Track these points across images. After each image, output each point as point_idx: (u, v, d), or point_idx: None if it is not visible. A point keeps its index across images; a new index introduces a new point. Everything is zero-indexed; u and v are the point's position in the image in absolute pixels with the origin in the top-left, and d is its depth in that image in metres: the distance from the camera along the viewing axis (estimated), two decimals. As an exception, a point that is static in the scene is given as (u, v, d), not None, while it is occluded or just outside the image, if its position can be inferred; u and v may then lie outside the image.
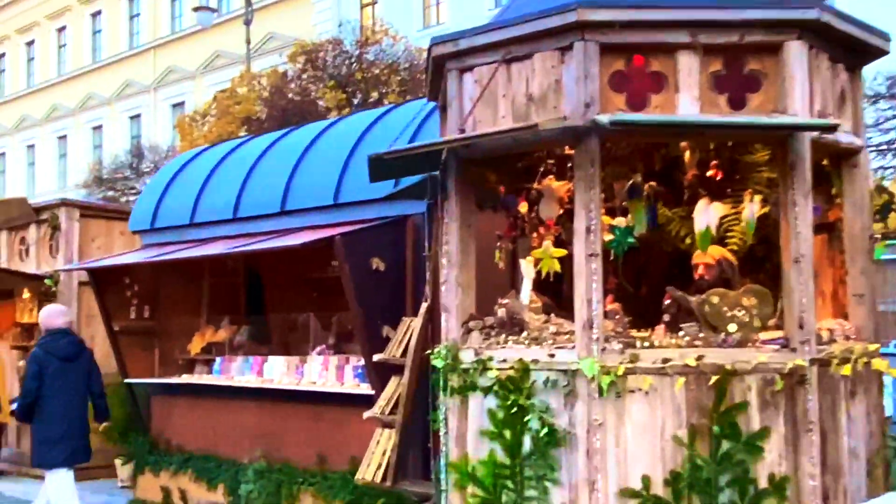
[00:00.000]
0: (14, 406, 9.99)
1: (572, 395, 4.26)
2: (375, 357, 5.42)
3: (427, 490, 5.35)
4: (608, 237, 4.51)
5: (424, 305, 5.65)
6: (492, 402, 4.46)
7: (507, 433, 4.39)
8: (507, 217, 5.40)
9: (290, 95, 17.84)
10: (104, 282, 8.31)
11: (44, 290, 9.79)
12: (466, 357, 4.57)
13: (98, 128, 36.38)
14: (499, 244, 5.22)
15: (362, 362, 6.89)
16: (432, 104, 6.56)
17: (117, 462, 9.17)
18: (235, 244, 7.39)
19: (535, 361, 4.36)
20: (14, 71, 40.23)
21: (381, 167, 5.05)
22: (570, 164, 5.28)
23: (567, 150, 5.18)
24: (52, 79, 37.90)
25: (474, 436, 4.52)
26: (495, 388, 4.43)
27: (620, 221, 4.72)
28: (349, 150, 7.20)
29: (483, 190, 5.12)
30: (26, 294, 10.94)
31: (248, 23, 19.34)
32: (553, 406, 4.31)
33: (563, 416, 4.29)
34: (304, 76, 18.09)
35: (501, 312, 4.90)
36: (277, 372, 7.44)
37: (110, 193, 22.59)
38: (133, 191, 21.96)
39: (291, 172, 7.53)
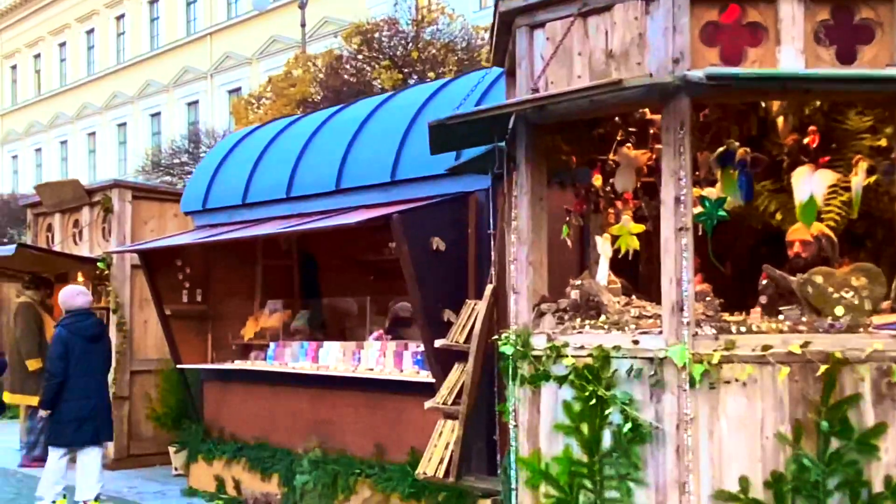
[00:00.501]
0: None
1: (659, 386, 3.81)
2: (437, 343, 5.03)
3: (493, 486, 4.94)
4: (696, 210, 4.02)
5: (490, 287, 5.23)
6: (567, 392, 4.02)
7: (585, 427, 3.96)
8: (578, 191, 4.94)
9: (345, 77, 17.51)
10: (155, 264, 8.05)
11: (97, 273, 9.60)
12: (538, 343, 4.14)
13: (156, 115, 36.65)
14: (568, 220, 4.76)
15: (422, 348, 6.50)
16: (497, 72, 6.13)
17: (171, 449, 8.96)
18: (288, 224, 7.05)
19: (617, 348, 3.91)
20: (75, 59, 40.76)
21: (443, 136, 4.63)
22: (651, 131, 4.81)
23: (648, 115, 4.71)
24: (111, 67, 38.29)
25: (547, 430, 4.09)
26: (571, 377, 3.99)
27: (711, 192, 4.23)
28: (407, 123, 6.80)
29: (554, 161, 4.66)
30: (80, 278, 10.79)
31: (303, 6, 19.05)
32: (637, 398, 3.86)
33: (649, 409, 3.84)
34: (360, 57, 17.75)
35: (575, 294, 4.45)
36: (333, 358, 7.10)
37: (167, 179, 22.58)
38: (190, 176, 21.89)
39: (346, 149, 7.16)
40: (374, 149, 7.00)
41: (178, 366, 8.11)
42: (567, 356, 4.00)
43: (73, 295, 7.47)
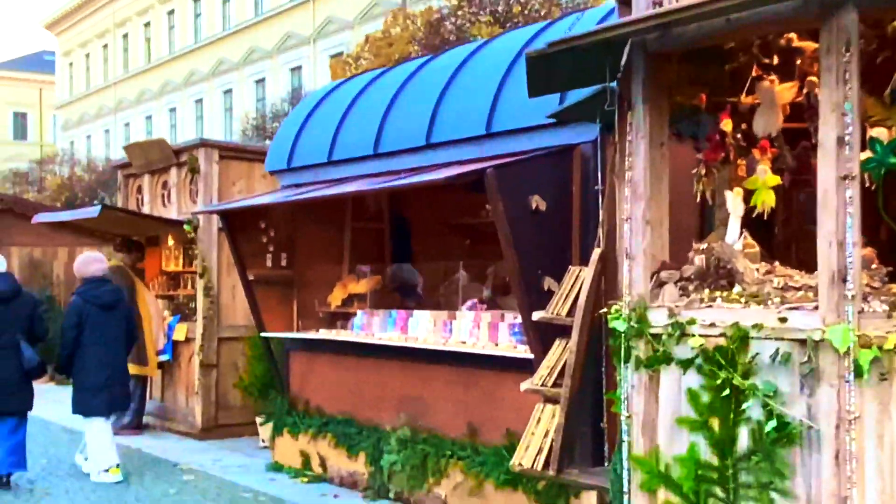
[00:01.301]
0: (161, 358, 9.65)
1: (814, 376, 3.04)
2: (535, 315, 4.35)
3: (599, 482, 4.26)
4: (863, 155, 3.20)
5: (597, 252, 4.51)
6: (693, 379, 3.29)
7: (716, 423, 3.23)
8: (711, 136, 4.13)
9: (444, 34, 16.85)
10: (238, 227, 7.60)
11: (188, 236, 9.28)
12: (657, 318, 3.42)
13: (261, 81, 36.77)
14: (698, 171, 3.97)
15: (520, 319, 5.84)
16: (609, 7, 5.35)
17: (258, 420, 8.58)
18: (375, 182, 6.46)
19: (758, 327, 3.16)
20: (182, 27, 41.33)
21: (544, 73, 3.92)
22: (797, 62, 3.97)
23: (794, 42, 3.87)
24: (217, 34, 38.62)
25: (668, 424, 3.38)
26: (699, 361, 3.26)
27: (881, 133, 3.38)
28: (504, 70, 6.08)
29: (677, 101, 3.89)
30: (170, 241, 10.54)
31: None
32: (784, 389, 3.11)
33: (799, 404, 3.08)
34: (460, 13, 17.05)
35: (700, 260, 3.70)
36: (423, 329, 6.50)
37: (268, 143, 22.47)
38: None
39: (437, 101, 6.49)
40: (467, 100, 6.32)
41: (262, 334, 7.66)
42: (693, 335, 3.27)
43: (88, 262, 7.37)
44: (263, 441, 8.49)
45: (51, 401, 11.89)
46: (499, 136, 5.93)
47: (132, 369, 9.26)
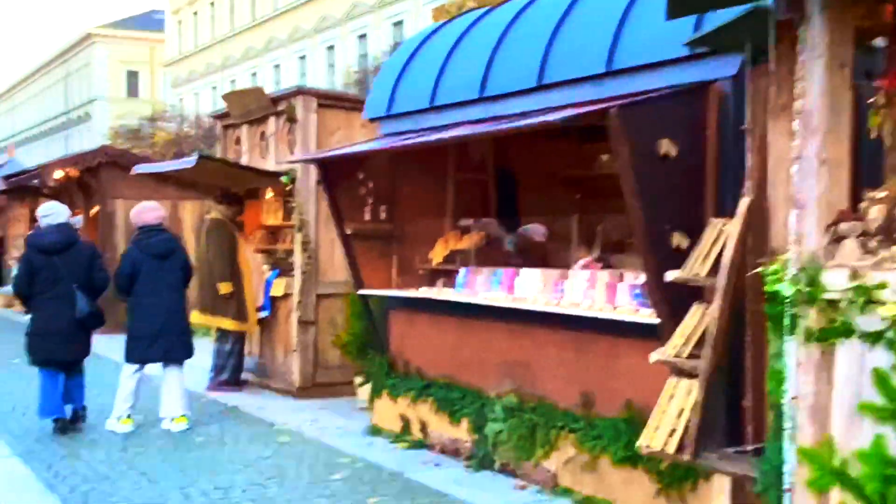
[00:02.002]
0: (260, 314, 9.40)
1: None
2: (669, 275, 3.74)
3: (744, 470, 3.66)
4: None
5: (745, 202, 3.85)
6: (881, 357, 2.66)
7: (909, 412, 2.60)
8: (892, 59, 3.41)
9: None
10: (336, 177, 7.17)
11: (286, 188, 8.95)
12: (835, 280, 2.79)
13: (363, 36, 36.49)
14: (876, 101, 3.26)
15: (641, 280, 5.23)
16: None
17: (356, 381, 8.23)
18: (481, 127, 5.91)
19: (971, 294, 2.50)
20: (286, -17, 41.37)
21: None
22: None
23: None
24: (320, -12, 38.53)
25: (846, 410, 2.76)
26: (890, 335, 2.62)
27: None
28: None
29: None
30: (269, 194, 10.24)
31: None
32: None
33: None
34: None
35: (878, 211, 3.02)
36: (532, 289, 5.95)
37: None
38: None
39: (551, 36, 5.86)
40: (584, 34, 5.68)
41: (360, 291, 7.25)
42: (884, 303, 2.62)
43: (142, 210, 7.37)
44: (362, 402, 8.14)
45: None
46: (621, 73, 5.27)
47: (231, 325, 9.08)
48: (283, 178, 8.65)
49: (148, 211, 7.37)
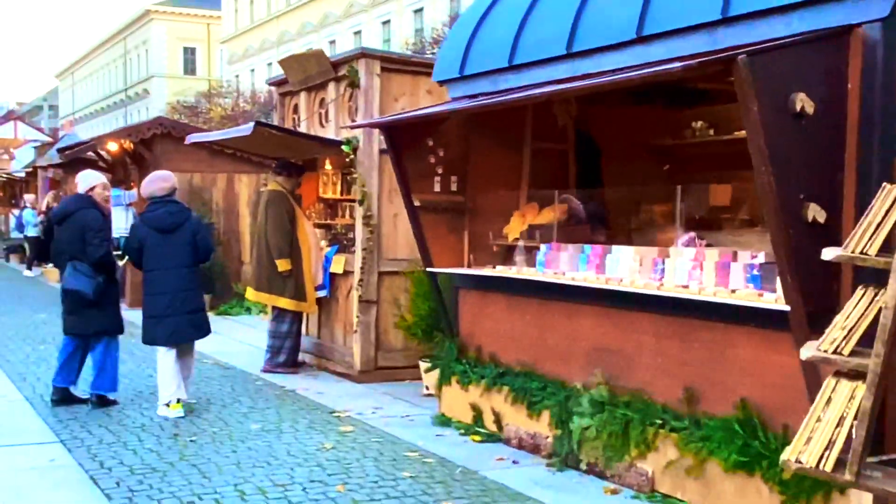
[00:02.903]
0: (319, 293, 8.86)
1: None
2: (828, 253, 3.02)
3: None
4: None
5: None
6: None
7: None
8: None
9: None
10: (403, 145, 6.56)
11: (346, 158, 8.38)
12: None
13: (419, 10, 35.86)
14: None
15: (759, 259, 4.54)
16: None
17: (422, 366, 7.66)
18: (579, 83, 5.21)
19: None
20: (342, -42, 40.84)
21: None
22: None
23: None
24: (376, -38, 37.94)
25: None
26: None
27: None
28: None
29: None
30: (328, 165, 9.70)
31: None
32: None
33: None
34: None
35: None
36: (625, 268, 5.29)
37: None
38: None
39: (652, -19, 5.15)
40: (692, -23, 4.96)
41: (429, 269, 6.65)
42: None
43: (152, 180, 6.95)
44: (427, 388, 7.58)
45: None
46: (739, 20, 4.55)
47: (289, 305, 8.57)
48: (345, 147, 8.07)
49: (156, 181, 6.91)
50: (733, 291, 4.48)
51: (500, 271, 6.09)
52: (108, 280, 6.92)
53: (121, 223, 14.15)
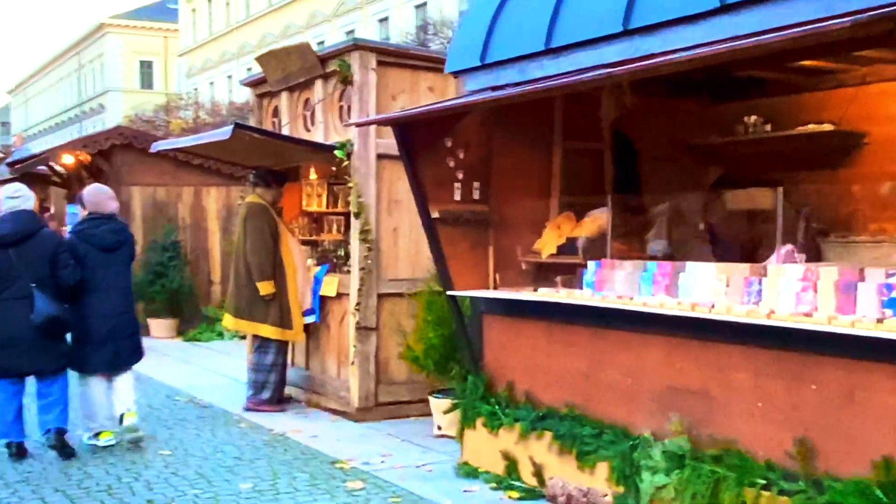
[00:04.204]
0: (307, 319, 7.80)
1: None
2: None
3: None
4: None
5: None
6: None
7: None
8: None
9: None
10: (419, 145, 5.55)
11: (332, 168, 7.37)
12: None
13: (384, 20, 34.80)
14: None
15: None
16: None
17: (432, 401, 6.64)
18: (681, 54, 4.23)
19: None
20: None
21: None
22: None
23: None
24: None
25: None
26: None
27: None
28: None
29: None
30: (313, 175, 8.67)
31: None
32: None
33: None
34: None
35: None
36: (705, 289, 4.32)
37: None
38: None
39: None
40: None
41: (450, 292, 5.63)
42: None
43: (105, 197, 6.46)
44: (440, 428, 6.56)
45: (179, 361, 10.38)
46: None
47: (272, 333, 7.51)
48: (338, 152, 7.04)
49: (105, 197, 6.46)
50: (878, 321, 3.51)
51: (543, 294, 5.07)
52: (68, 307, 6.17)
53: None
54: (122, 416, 6.29)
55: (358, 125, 6.29)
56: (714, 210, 5.29)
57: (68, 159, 13.04)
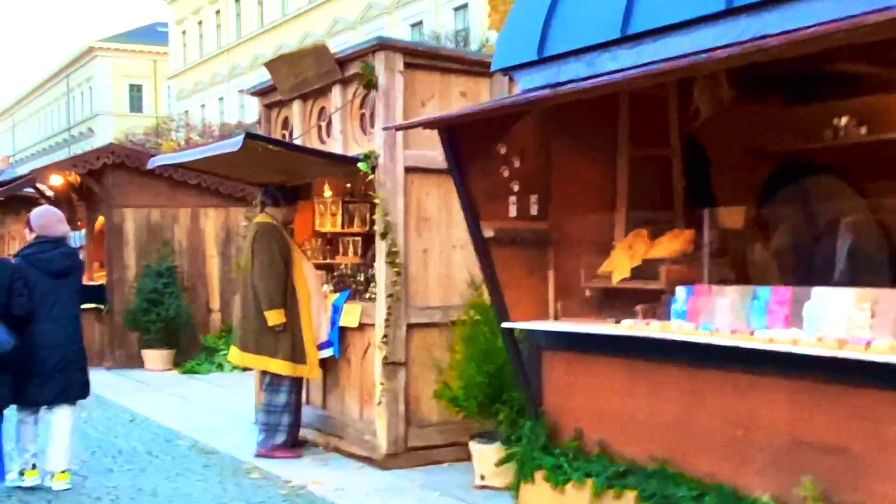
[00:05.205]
0: (323, 353, 6.99)
1: None
2: None
3: None
4: None
5: None
6: None
7: None
8: None
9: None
10: (469, 153, 4.75)
11: (348, 186, 6.58)
12: None
13: (461, 7, 33.12)
14: None
15: None
16: None
17: (474, 447, 5.79)
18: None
19: None
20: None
21: None
22: None
23: None
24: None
25: None
26: None
27: None
28: None
29: None
30: (328, 192, 7.87)
31: None
32: None
33: None
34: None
35: None
36: (838, 320, 3.52)
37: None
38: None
39: None
40: None
41: (506, 325, 4.81)
42: None
43: (54, 219, 6.08)
44: (483, 478, 5.71)
45: (177, 397, 9.50)
46: None
47: (284, 369, 6.68)
48: (362, 165, 6.23)
49: (55, 220, 6.08)
50: None
51: (631, 328, 4.24)
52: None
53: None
54: (52, 474, 5.88)
55: (398, 129, 5.44)
56: (856, 226, 4.48)
57: (57, 180, 12.23)
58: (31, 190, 13.47)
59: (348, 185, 8.19)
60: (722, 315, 3.98)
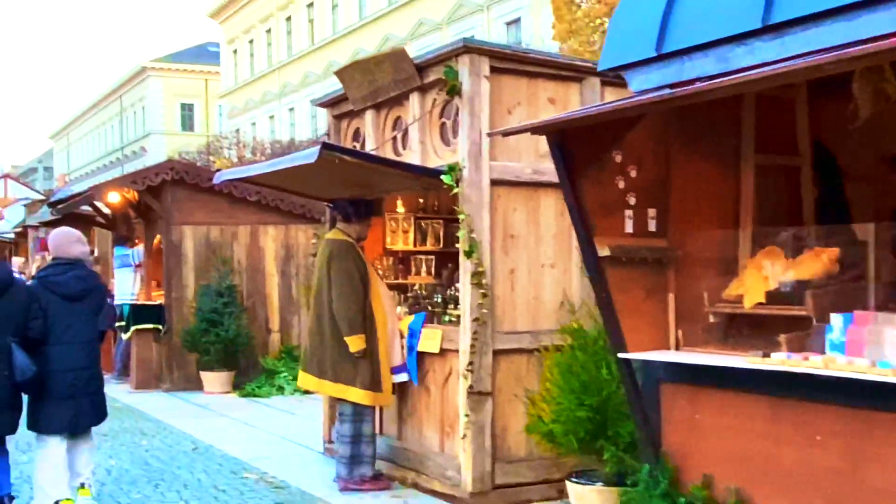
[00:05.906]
0: (397, 377, 6.51)
1: None
2: None
3: None
4: None
5: None
6: None
7: None
8: None
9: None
10: (580, 163, 4.22)
11: (422, 201, 6.10)
12: None
13: (514, 21, 32.44)
14: None
15: None
16: None
17: (573, 488, 5.23)
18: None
19: None
20: (346, 5, 39.46)
21: None
22: None
23: None
24: (382, 9, 36.57)
25: None
26: None
27: None
28: None
29: None
30: (400, 208, 7.43)
31: None
32: None
33: None
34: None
35: None
36: None
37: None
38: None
39: None
40: None
41: (622, 355, 4.26)
42: None
43: (71, 240, 5.95)
44: (580, 521, 5.15)
45: (239, 423, 9.05)
46: None
47: (363, 398, 6.19)
48: (445, 178, 5.75)
49: (74, 241, 5.97)
50: None
51: (785, 363, 3.66)
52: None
53: (127, 287, 11.80)
54: (77, 489, 5.85)
55: (506, 134, 4.86)
56: None
57: (114, 197, 11.93)
58: (87, 208, 13.24)
59: (420, 201, 7.75)
60: (891, 346, 3.39)
